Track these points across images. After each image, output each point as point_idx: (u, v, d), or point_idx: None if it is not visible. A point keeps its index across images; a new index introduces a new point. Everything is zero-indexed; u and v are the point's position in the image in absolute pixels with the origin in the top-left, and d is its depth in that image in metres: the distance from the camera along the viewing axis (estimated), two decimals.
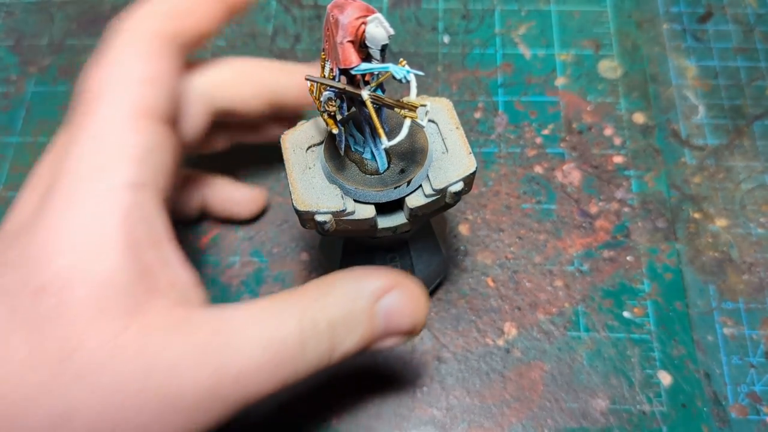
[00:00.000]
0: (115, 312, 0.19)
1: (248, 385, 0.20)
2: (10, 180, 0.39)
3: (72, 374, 0.18)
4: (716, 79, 0.41)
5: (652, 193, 0.37)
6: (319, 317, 0.22)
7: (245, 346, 0.20)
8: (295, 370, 0.22)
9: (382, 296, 0.23)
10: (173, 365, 0.19)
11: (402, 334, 0.24)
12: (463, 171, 0.23)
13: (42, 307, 0.18)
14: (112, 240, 0.20)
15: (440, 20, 0.43)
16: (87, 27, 0.44)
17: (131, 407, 0.18)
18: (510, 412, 0.32)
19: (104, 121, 0.22)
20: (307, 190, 0.23)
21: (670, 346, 0.33)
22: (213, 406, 0.20)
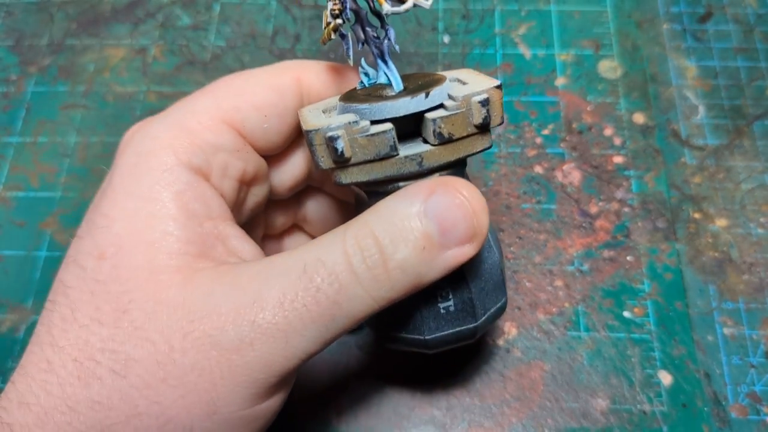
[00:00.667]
0: (164, 272, 0.21)
1: (292, 313, 0.20)
2: (10, 180, 0.39)
3: (127, 327, 0.20)
4: (716, 79, 0.41)
5: (652, 193, 0.37)
6: (363, 233, 0.21)
7: (283, 276, 0.20)
8: (348, 295, 0.20)
9: (426, 200, 0.21)
10: (214, 310, 0.20)
11: (463, 240, 0.22)
12: (487, 84, 0.22)
13: (103, 269, 0.21)
14: (164, 210, 0.22)
15: (440, 20, 0.43)
16: (87, 27, 0.44)
17: (178, 350, 0.20)
18: (510, 412, 0.32)
19: (194, 108, 0.24)
20: (318, 119, 0.22)
21: (671, 346, 0.33)
22: (259, 339, 0.20)
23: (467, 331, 0.25)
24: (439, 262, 0.22)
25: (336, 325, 0.21)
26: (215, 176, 0.24)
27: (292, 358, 0.20)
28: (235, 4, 0.44)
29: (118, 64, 0.43)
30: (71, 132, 0.40)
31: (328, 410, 0.32)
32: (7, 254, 0.37)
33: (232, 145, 0.25)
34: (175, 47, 0.43)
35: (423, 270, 0.21)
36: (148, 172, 0.22)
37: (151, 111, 0.41)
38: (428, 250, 0.21)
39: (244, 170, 0.25)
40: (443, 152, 0.22)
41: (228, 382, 0.20)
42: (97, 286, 0.21)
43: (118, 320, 0.20)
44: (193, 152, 0.23)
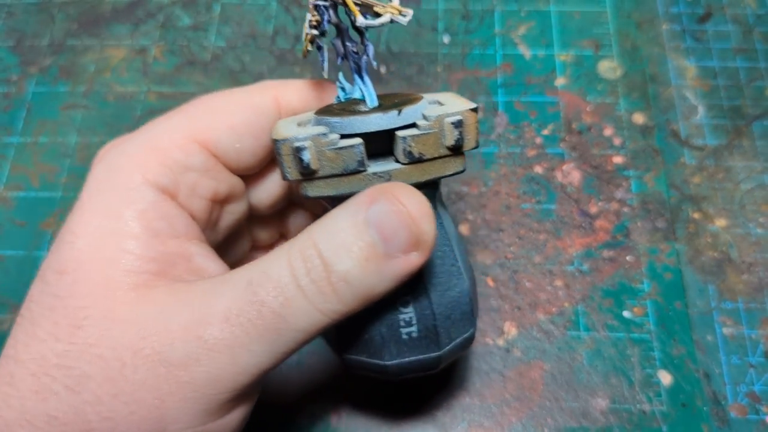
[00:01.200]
0: (119, 288, 0.21)
1: (238, 328, 0.20)
2: (11, 180, 0.39)
3: (82, 343, 0.20)
4: (716, 79, 0.41)
5: (651, 193, 0.37)
6: (306, 245, 0.21)
7: (230, 291, 0.20)
8: (293, 308, 0.20)
9: (367, 209, 0.21)
10: (164, 327, 0.20)
11: (407, 248, 0.21)
12: (462, 106, 0.22)
13: (62, 284, 0.21)
14: (126, 228, 0.22)
15: (440, 20, 0.44)
16: (87, 27, 0.44)
17: (129, 366, 0.20)
18: (510, 412, 0.32)
19: (166, 127, 0.25)
20: (289, 129, 0.22)
21: (670, 346, 0.33)
22: (205, 354, 0.20)
23: (430, 359, 0.24)
24: (386, 273, 0.21)
25: (284, 340, 0.20)
26: (183, 195, 0.24)
27: (241, 373, 0.20)
28: (235, 5, 0.44)
29: (118, 64, 0.43)
30: (72, 132, 0.40)
31: (327, 410, 0.32)
32: (7, 254, 0.37)
33: (203, 164, 0.25)
34: (176, 47, 0.43)
35: (371, 281, 0.21)
36: (114, 189, 0.23)
37: (151, 111, 0.41)
38: (372, 260, 0.21)
39: (216, 190, 0.25)
40: (413, 172, 0.22)
41: (176, 398, 0.20)
42: (56, 302, 0.21)
43: (72, 336, 0.20)
44: (161, 171, 0.23)
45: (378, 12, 0.21)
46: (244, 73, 0.42)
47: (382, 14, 0.21)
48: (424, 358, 0.24)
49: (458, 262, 0.25)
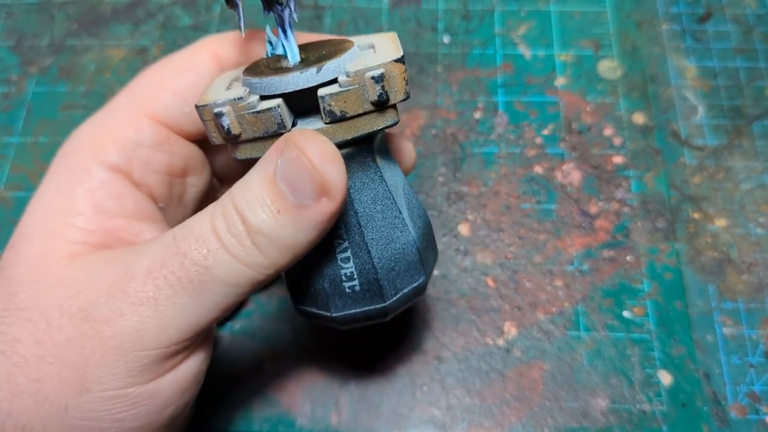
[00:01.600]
0: (54, 256, 0.21)
1: (161, 280, 0.20)
2: (11, 180, 0.39)
3: (14, 309, 0.21)
4: (716, 79, 0.41)
5: (651, 193, 0.37)
6: (225, 202, 0.21)
7: (154, 247, 0.21)
8: (217, 261, 0.20)
9: (275, 161, 0.21)
10: (90, 285, 0.20)
11: (315, 196, 0.20)
12: (386, 58, 0.21)
13: (7, 256, 0.22)
14: (73, 205, 0.23)
15: (440, 20, 0.44)
16: (87, 27, 0.44)
17: (55, 327, 0.20)
18: (510, 412, 0.32)
19: (116, 106, 0.25)
20: (215, 92, 0.22)
21: (670, 346, 0.33)
22: (128, 308, 0.20)
23: (376, 311, 0.25)
24: (301, 223, 0.21)
25: (210, 293, 0.20)
26: (138, 172, 0.24)
27: (167, 327, 0.20)
28: None
29: (118, 64, 0.43)
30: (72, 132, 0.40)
31: (327, 410, 0.32)
32: None
33: (154, 138, 0.25)
34: (176, 47, 0.43)
35: (288, 232, 0.20)
36: (67, 170, 0.23)
37: None
38: (285, 211, 0.20)
39: (170, 163, 0.25)
40: (338, 130, 0.21)
41: (99, 356, 0.20)
42: (1, 273, 0.22)
43: (7, 302, 0.21)
44: (111, 151, 0.24)
45: None
46: None
47: None
48: (370, 309, 0.25)
49: (402, 214, 0.24)
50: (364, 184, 0.23)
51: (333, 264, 0.24)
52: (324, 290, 0.24)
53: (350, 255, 0.24)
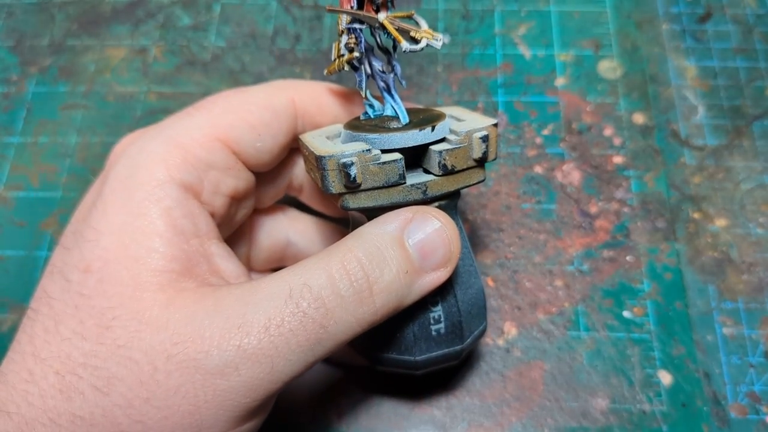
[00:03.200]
0: (147, 289, 0.21)
1: (278, 338, 0.20)
2: (11, 180, 0.39)
3: (111, 344, 0.20)
4: (716, 79, 0.41)
5: (651, 193, 0.37)
6: (348, 258, 0.21)
7: (268, 301, 0.20)
8: (335, 319, 0.21)
9: (405, 227, 0.23)
10: (198, 333, 0.20)
11: (440, 265, 0.23)
12: (485, 122, 0.24)
13: (88, 283, 0.21)
14: (152, 226, 0.22)
15: (440, 20, 0.44)
16: (87, 27, 0.44)
17: (162, 371, 0.20)
18: (510, 412, 0.32)
19: (188, 125, 0.25)
20: (325, 145, 0.23)
21: (670, 346, 0.33)
22: (244, 363, 0.20)
23: (454, 352, 0.27)
24: (417, 286, 0.23)
25: (322, 349, 0.21)
26: (206, 193, 0.24)
27: (276, 381, 0.21)
28: (235, 5, 0.44)
29: (118, 64, 0.43)
30: (72, 132, 0.40)
31: (328, 411, 0.32)
32: (7, 254, 0.37)
33: (225, 163, 0.25)
34: (176, 47, 0.43)
35: (404, 293, 0.22)
36: (139, 186, 0.23)
37: (151, 111, 0.41)
38: (410, 274, 0.22)
39: (236, 187, 0.26)
40: (445, 183, 0.24)
41: (212, 406, 0.20)
42: (82, 300, 0.21)
43: (100, 336, 0.20)
44: (185, 169, 0.23)
45: (414, 37, 0.23)
46: (244, 73, 0.42)
47: (419, 39, 0.23)
48: (450, 351, 0.26)
49: (474, 262, 0.27)
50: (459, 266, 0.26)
51: (424, 308, 0.26)
52: (413, 334, 0.26)
53: (439, 299, 0.26)
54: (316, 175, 0.23)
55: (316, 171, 0.23)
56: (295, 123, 0.27)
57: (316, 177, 0.23)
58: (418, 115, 0.25)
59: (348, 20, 0.24)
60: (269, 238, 0.31)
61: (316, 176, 0.24)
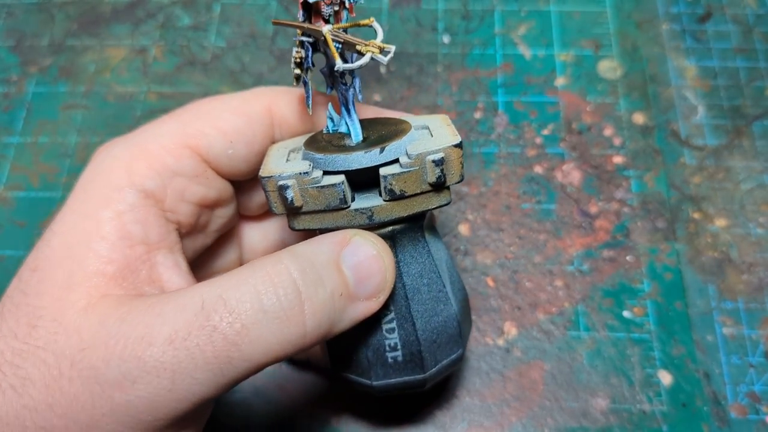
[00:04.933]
0: (75, 291, 0.21)
1: (182, 352, 0.19)
2: (11, 180, 0.39)
3: (32, 344, 0.20)
4: (716, 79, 0.41)
5: (651, 193, 0.37)
6: (278, 270, 0.20)
7: (178, 312, 0.19)
8: (251, 337, 0.19)
9: (341, 250, 0.21)
10: (103, 341, 0.19)
11: (373, 293, 0.22)
12: (446, 143, 0.22)
13: (31, 282, 0.21)
14: (98, 229, 0.22)
15: (440, 20, 0.44)
16: (87, 27, 0.44)
17: (66, 377, 0.19)
18: (510, 412, 0.32)
19: (157, 132, 0.24)
20: (277, 163, 0.23)
21: (670, 346, 0.33)
22: (142, 377, 0.19)
23: (415, 381, 0.25)
24: (348, 313, 0.22)
25: (233, 370, 0.19)
26: (170, 200, 0.24)
27: (182, 400, 0.19)
28: (235, 5, 0.44)
29: (118, 64, 0.43)
30: (72, 132, 0.40)
31: (326, 411, 0.32)
32: (7, 254, 0.37)
33: (192, 170, 0.24)
34: (176, 47, 0.43)
35: (336, 318, 0.21)
36: (97, 190, 0.23)
37: (151, 111, 0.41)
38: (344, 297, 0.21)
39: (204, 195, 0.25)
40: (395, 207, 0.22)
41: (110, 421, 0.19)
42: (22, 298, 0.21)
43: (27, 335, 0.20)
44: (148, 175, 0.23)
45: (360, 51, 0.21)
46: (244, 73, 0.42)
47: (364, 53, 0.21)
48: (410, 379, 0.25)
49: (445, 287, 0.25)
50: (413, 258, 0.24)
51: (378, 334, 0.24)
52: (367, 359, 0.25)
53: (395, 326, 0.24)
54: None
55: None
56: (271, 131, 0.26)
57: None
58: (379, 131, 0.24)
59: (299, 32, 0.23)
60: (264, 242, 0.31)
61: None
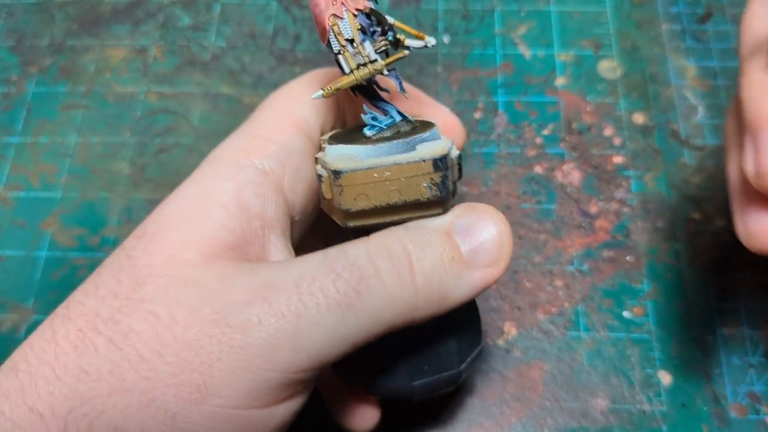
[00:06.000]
0: (189, 251, 0.20)
1: (307, 296, 0.19)
2: (11, 180, 0.39)
3: (137, 299, 0.19)
4: (716, 79, 0.41)
5: (651, 193, 0.37)
6: (389, 237, 0.20)
7: (302, 263, 0.20)
8: (370, 288, 0.19)
9: (455, 219, 0.22)
10: (226, 290, 0.19)
11: (491, 261, 0.22)
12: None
13: (138, 246, 0.21)
14: (217, 196, 0.22)
15: (440, 20, 0.44)
16: (87, 27, 0.44)
17: (181, 324, 0.19)
18: (510, 412, 0.32)
19: (262, 119, 0.25)
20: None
21: (670, 346, 0.33)
22: (267, 318, 0.19)
23: (451, 377, 0.25)
24: (465, 280, 0.21)
25: (355, 320, 0.19)
26: (289, 179, 0.24)
27: (300, 350, 0.19)
28: (235, 5, 0.44)
29: (118, 64, 0.43)
30: (72, 132, 0.40)
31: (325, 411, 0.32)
32: (7, 254, 0.37)
33: (303, 147, 0.24)
34: (176, 47, 0.43)
35: (450, 283, 0.21)
36: (218, 168, 0.23)
37: (151, 111, 0.41)
38: (456, 262, 0.21)
39: (314, 175, 0.25)
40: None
41: (224, 366, 0.18)
42: (127, 261, 0.20)
43: (131, 292, 0.20)
44: (265, 155, 0.23)
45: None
46: (244, 73, 0.42)
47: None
48: (448, 375, 0.25)
49: None
50: None
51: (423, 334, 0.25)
52: (406, 358, 0.25)
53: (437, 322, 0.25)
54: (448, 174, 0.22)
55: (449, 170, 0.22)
56: (341, 102, 0.26)
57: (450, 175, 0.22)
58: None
59: (357, 26, 0.23)
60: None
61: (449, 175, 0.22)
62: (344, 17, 0.22)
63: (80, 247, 0.37)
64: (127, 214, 0.37)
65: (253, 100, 0.41)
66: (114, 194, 0.38)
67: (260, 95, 0.41)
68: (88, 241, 0.37)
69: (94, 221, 0.37)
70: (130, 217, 0.37)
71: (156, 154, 0.39)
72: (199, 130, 0.40)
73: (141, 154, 0.39)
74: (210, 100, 0.41)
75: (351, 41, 0.23)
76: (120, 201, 0.38)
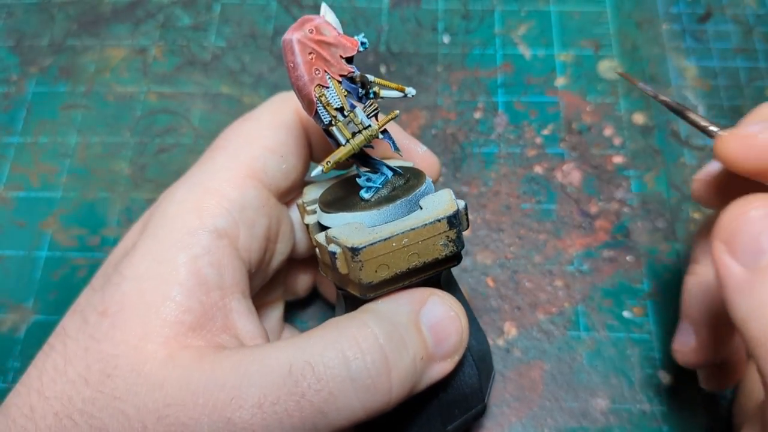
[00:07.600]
0: (152, 341, 0.20)
1: (271, 417, 0.19)
2: (11, 180, 0.39)
3: (108, 394, 0.20)
4: (716, 79, 0.41)
5: (651, 193, 0.37)
6: (364, 335, 0.20)
7: (266, 376, 0.19)
8: (337, 405, 0.19)
9: (420, 308, 0.22)
10: (191, 399, 0.19)
11: (449, 353, 0.22)
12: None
13: (102, 327, 0.21)
14: (174, 274, 0.21)
15: (440, 20, 0.44)
16: (87, 27, 0.44)
17: (154, 431, 0.19)
18: (510, 412, 0.32)
19: (218, 166, 0.24)
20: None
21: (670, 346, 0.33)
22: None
23: (478, 412, 0.27)
24: (427, 374, 0.22)
25: (324, 429, 0.20)
26: (244, 237, 0.23)
27: None
28: (235, 5, 0.44)
29: (118, 64, 0.43)
30: (72, 132, 0.40)
31: None
32: (7, 254, 0.37)
33: (258, 200, 0.24)
34: (176, 47, 0.43)
35: (416, 381, 0.21)
36: (170, 234, 0.22)
37: (151, 111, 0.41)
38: (424, 360, 0.21)
39: (269, 226, 0.25)
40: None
41: None
42: (92, 343, 0.21)
43: (101, 384, 0.20)
44: (218, 213, 0.23)
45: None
46: (244, 73, 0.42)
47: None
48: (475, 411, 0.26)
49: (476, 318, 0.27)
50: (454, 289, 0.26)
51: (444, 389, 0.25)
52: (438, 410, 0.25)
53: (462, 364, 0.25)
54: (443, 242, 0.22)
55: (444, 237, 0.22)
56: (305, 131, 0.26)
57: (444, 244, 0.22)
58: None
59: (344, 92, 0.22)
60: (308, 282, 0.32)
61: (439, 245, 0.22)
62: (329, 86, 0.21)
63: (80, 247, 0.37)
64: (127, 214, 0.37)
65: (253, 100, 0.41)
66: (114, 194, 0.38)
67: (260, 95, 0.41)
68: (88, 241, 0.37)
69: (94, 221, 0.37)
70: (130, 217, 0.37)
71: (156, 154, 0.39)
72: (199, 130, 0.40)
73: (141, 154, 0.39)
74: (210, 100, 0.41)
75: (341, 110, 0.21)
76: (120, 201, 0.38)
